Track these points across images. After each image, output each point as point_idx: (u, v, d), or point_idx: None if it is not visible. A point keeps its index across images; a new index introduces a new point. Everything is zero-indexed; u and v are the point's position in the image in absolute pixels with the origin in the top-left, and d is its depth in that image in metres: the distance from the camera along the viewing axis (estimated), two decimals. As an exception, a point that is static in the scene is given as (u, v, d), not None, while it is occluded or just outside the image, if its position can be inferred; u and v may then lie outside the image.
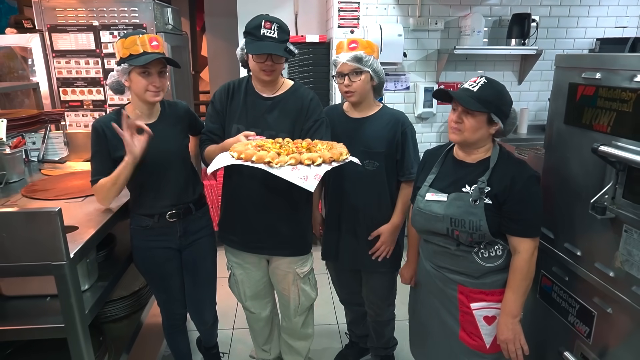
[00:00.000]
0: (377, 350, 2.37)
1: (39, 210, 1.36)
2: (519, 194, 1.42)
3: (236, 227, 1.89)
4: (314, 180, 1.41)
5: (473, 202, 1.45)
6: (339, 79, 1.87)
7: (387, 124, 1.91)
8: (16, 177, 2.16)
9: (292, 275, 1.92)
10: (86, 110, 3.47)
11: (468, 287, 1.54)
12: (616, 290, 1.40)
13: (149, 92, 1.67)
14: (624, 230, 1.36)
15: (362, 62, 1.81)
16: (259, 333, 2.17)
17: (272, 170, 1.43)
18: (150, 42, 1.64)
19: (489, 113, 1.43)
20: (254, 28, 1.66)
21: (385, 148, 1.90)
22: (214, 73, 5.72)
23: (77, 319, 1.43)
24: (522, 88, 3.74)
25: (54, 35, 3.32)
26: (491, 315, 1.53)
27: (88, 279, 1.65)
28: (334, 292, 2.40)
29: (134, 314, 2.14)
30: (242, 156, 1.45)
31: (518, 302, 1.47)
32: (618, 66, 1.38)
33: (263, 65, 1.69)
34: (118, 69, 1.66)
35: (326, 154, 1.49)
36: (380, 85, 1.91)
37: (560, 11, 3.60)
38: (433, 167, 1.62)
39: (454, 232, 1.48)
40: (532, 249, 1.44)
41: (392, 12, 3.49)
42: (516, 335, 1.47)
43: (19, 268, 1.36)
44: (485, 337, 1.55)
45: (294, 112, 1.79)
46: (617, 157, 1.33)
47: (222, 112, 1.82)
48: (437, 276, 1.62)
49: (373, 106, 1.96)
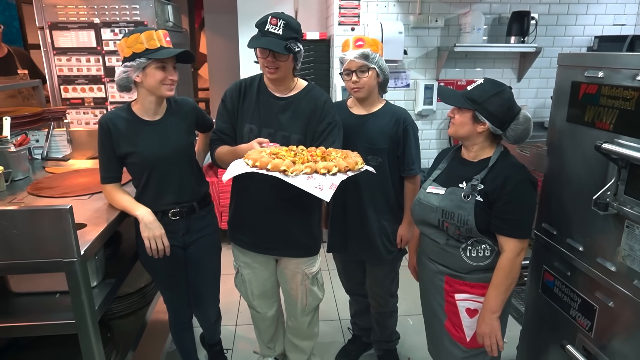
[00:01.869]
0: (380, 344, 2.40)
1: (50, 207, 1.37)
2: (509, 194, 1.47)
3: (246, 227, 1.89)
4: (329, 190, 1.40)
5: (465, 197, 1.51)
6: (346, 76, 1.90)
7: (390, 121, 1.95)
8: (21, 174, 2.17)
9: (300, 276, 1.93)
10: (87, 108, 3.47)
11: (454, 279, 1.61)
12: (618, 285, 1.43)
13: (165, 85, 1.68)
14: (626, 226, 1.39)
15: (369, 59, 1.85)
16: (264, 332, 2.18)
17: (287, 179, 1.42)
18: (165, 37, 1.67)
19: (473, 111, 1.49)
20: (260, 24, 1.66)
21: (387, 144, 1.94)
22: (213, 70, 5.70)
23: (88, 315, 1.45)
24: (521, 85, 3.77)
25: (54, 33, 3.31)
26: (473, 308, 1.59)
27: (97, 276, 1.67)
28: (336, 287, 2.43)
29: (139, 311, 2.16)
30: (257, 164, 1.45)
31: (499, 299, 1.51)
32: (620, 65, 1.41)
33: (265, 61, 1.69)
34: (130, 64, 1.63)
35: (342, 163, 1.48)
36: (385, 82, 1.96)
37: (559, 9, 3.63)
38: (441, 163, 1.69)
39: (444, 223, 1.55)
40: (518, 250, 1.48)
41: (393, 9, 3.50)
42: (492, 330, 1.52)
43: (30, 265, 1.38)
44: (466, 330, 1.61)
45: (307, 113, 1.78)
46: (619, 155, 1.36)
47: (233, 111, 1.81)
48: (429, 266, 1.70)
49: (377, 103, 2.00)
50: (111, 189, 1.76)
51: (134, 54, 1.62)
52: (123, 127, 1.71)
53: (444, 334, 1.69)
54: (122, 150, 1.72)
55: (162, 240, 1.72)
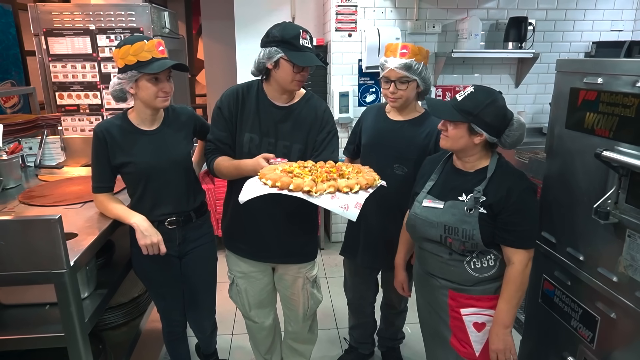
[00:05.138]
0: (385, 341, 2.39)
1: (38, 217, 1.34)
2: (514, 205, 1.42)
3: (245, 235, 1.85)
4: (355, 210, 1.38)
5: (468, 211, 1.44)
6: (385, 84, 1.84)
7: (423, 132, 1.87)
8: (13, 183, 2.14)
9: (302, 280, 1.90)
10: (82, 115, 3.45)
11: (458, 293, 1.54)
12: (620, 295, 1.40)
13: (159, 98, 1.65)
14: (627, 235, 1.36)
15: (411, 71, 1.78)
16: (261, 342, 2.14)
17: (311, 199, 1.39)
18: (157, 48, 1.61)
19: (469, 123, 1.43)
20: (292, 38, 1.61)
21: (416, 155, 1.86)
22: (211, 77, 5.70)
23: (77, 328, 1.41)
24: (519, 91, 3.76)
25: (50, 39, 3.29)
26: (481, 322, 1.53)
27: (87, 287, 1.63)
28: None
29: (133, 321, 2.12)
30: (277, 184, 1.41)
31: (510, 313, 1.46)
32: (620, 71, 1.39)
33: (299, 76, 1.64)
34: (122, 76, 1.61)
35: (362, 181, 1.46)
36: (426, 91, 1.88)
37: (556, 15, 3.63)
38: (432, 174, 1.62)
39: (447, 239, 1.48)
40: (526, 261, 1.44)
41: (390, 15, 3.49)
42: (507, 345, 1.47)
43: (18, 276, 1.34)
44: (474, 345, 1.54)
45: (308, 122, 1.74)
46: (620, 163, 1.33)
47: (231, 119, 1.75)
48: (429, 282, 1.63)
49: (414, 110, 1.92)
50: (103, 199, 1.73)
51: (126, 66, 1.59)
52: (119, 136, 1.69)
53: (450, 353, 1.60)
54: (117, 160, 1.69)
55: (160, 247, 1.69)
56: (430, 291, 1.64)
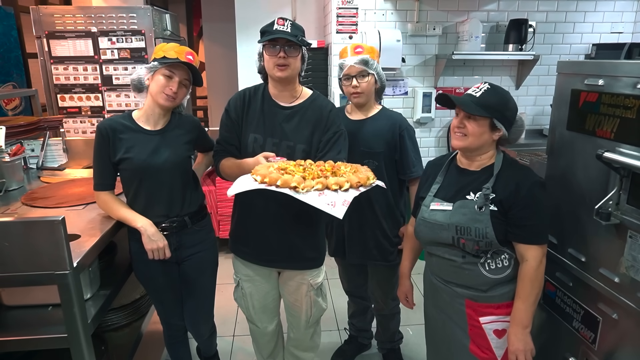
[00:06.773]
0: (383, 344, 2.44)
1: (42, 219, 1.35)
2: (524, 199, 1.40)
3: (249, 239, 1.84)
4: (342, 207, 1.34)
5: (478, 209, 1.43)
6: (346, 81, 1.97)
7: (385, 125, 1.99)
8: (15, 184, 2.15)
9: (305, 287, 1.86)
10: (84, 117, 3.46)
11: (476, 302, 1.51)
12: (621, 296, 1.40)
13: (163, 94, 1.69)
14: (629, 236, 1.37)
15: (368, 65, 1.92)
16: (263, 347, 2.12)
17: (297, 196, 1.37)
18: (186, 54, 1.72)
19: (492, 119, 1.43)
20: (268, 25, 1.65)
21: (384, 148, 1.98)
22: (211, 79, 5.71)
23: (80, 329, 1.41)
24: (519, 93, 3.76)
25: (52, 42, 3.30)
26: (501, 329, 1.50)
27: (90, 288, 1.64)
28: (333, 288, 2.41)
29: (135, 322, 2.13)
30: (266, 180, 1.39)
31: (528, 312, 1.43)
32: (621, 73, 1.39)
33: (276, 59, 1.63)
34: (147, 66, 1.73)
35: (353, 179, 1.42)
36: (382, 88, 2.04)
37: (556, 17, 3.63)
38: (437, 177, 1.60)
39: (460, 240, 1.46)
40: (540, 257, 1.41)
41: (390, 17, 3.50)
42: (527, 346, 1.44)
43: (21, 278, 1.35)
44: (496, 351, 1.51)
45: (313, 122, 1.73)
46: (621, 164, 1.34)
47: (237, 120, 1.76)
48: (444, 290, 1.59)
49: (373, 108, 2.05)
50: (106, 198, 1.74)
51: (154, 59, 1.72)
52: (121, 133, 1.71)
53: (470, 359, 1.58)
54: (117, 156, 1.70)
55: (165, 251, 1.74)
56: (444, 301, 1.60)
